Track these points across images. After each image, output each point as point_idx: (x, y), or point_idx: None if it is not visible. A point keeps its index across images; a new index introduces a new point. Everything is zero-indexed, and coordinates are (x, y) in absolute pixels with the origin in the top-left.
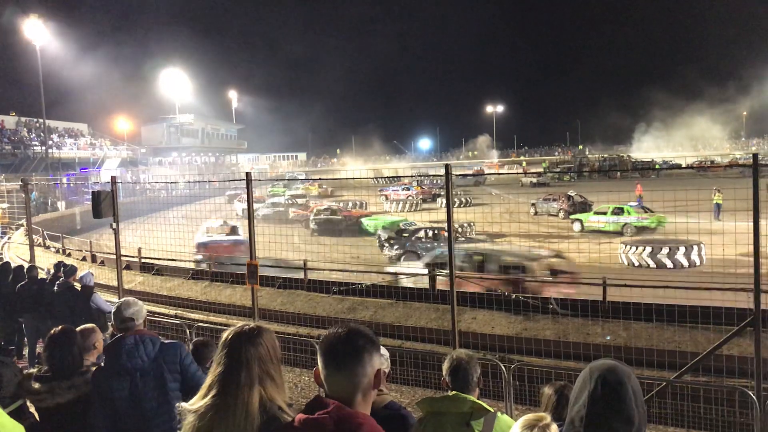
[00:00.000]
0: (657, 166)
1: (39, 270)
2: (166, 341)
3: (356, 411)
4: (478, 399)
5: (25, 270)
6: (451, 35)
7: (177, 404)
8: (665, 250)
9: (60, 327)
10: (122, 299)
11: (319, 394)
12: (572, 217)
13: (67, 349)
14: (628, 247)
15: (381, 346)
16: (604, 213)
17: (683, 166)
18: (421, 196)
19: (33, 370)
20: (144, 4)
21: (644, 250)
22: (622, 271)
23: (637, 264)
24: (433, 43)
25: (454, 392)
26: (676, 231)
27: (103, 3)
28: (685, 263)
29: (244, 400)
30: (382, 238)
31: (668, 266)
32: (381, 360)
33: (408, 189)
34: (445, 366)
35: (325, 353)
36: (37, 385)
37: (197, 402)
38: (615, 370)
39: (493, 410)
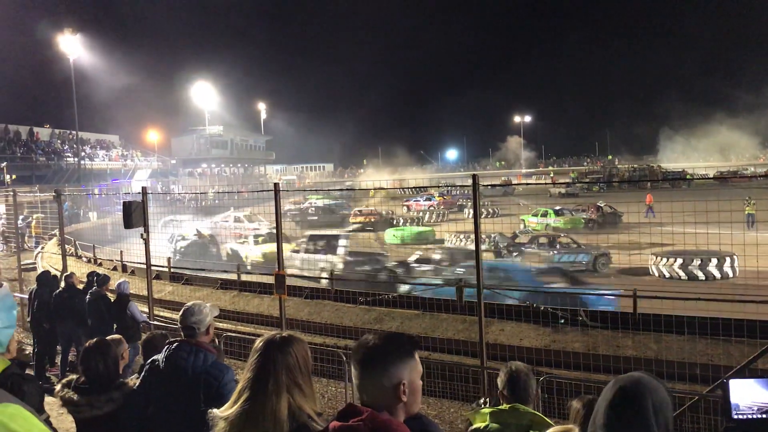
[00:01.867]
0: (688, 176)
1: (76, 278)
2: (218, 362)
3: (390, 419)
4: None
5: (62, 278)
6: (478, 46)
7: (209, 411)
8: (697, 262)
9: (95, 339)
10: (190, 303)
11: (351, 402)
12: (522, 217)
13: (103, 362)
14: (659, 258)
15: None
16: (536, 215)
17: (713, 175)
18: (442, 207)
19: (72, 376)
20: (175, 18)
21: (675, 261)
22: (652, 282)
23: (668, 276)
24: (461, 53)
25: (513, 404)
26: (708, 242)
27: (134, 17)
28: (718, 275)
29: (272, 408)
30: (500, 245)
31: (700, 278)
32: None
33: (429, 199)
34: (502, 378)
35: (354, 359)
36: (76, 396)
37: (228, 409)
38: (637, 382)
39: (552, 423)
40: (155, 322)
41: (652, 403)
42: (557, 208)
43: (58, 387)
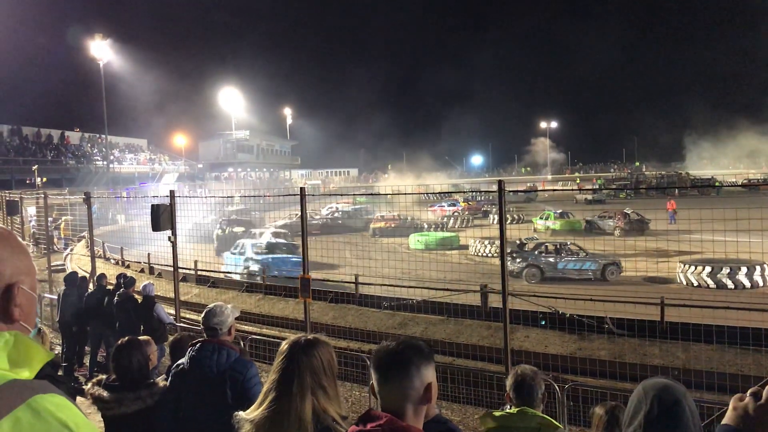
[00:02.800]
0: (717, 183)
1: (106, 280)
2: (241, 358)
3: (408, 425)
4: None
5: (94, 279)
6: (505, 51)
7: (234, 413)
8: (726, 270)
9: (127, 338)
10: (212, 305)
11: (371, 407)
12: (534, 219)
13: (135, 360)
14: (687, 266)
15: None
16: (542, 218)
17: (741, 182)
18: (467, 212)
19: (102, 377)
20: (203, 24)
21: (704, 269)
22: (680, 290)
23: (696, 284)
24: (487, 59)
25: (521, 408)
26: (737, 250)
27: (163, 23)
28: (747, 284)
29: (297, 409)
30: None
31: (729, 287)
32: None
33: (454, 205)
34: (510, 381)
35: (374, 364)
36: (105, 394)
37: (254, 411)
38: (670, 389)
39: (561, 426)
40: (182, 324)
41: (689, 408)
42: (559, 211)
43: (88, 385)
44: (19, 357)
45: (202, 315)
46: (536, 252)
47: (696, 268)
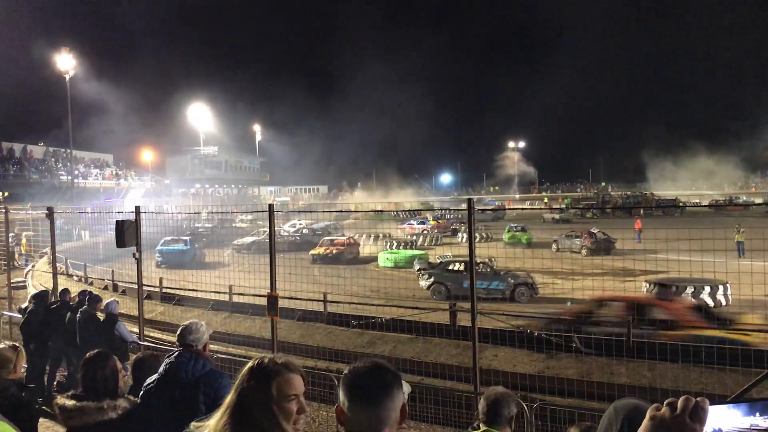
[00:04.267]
0: (680, 204)
1: (69, 296)
2: (215, 369)
3: None
4: None
5: (57, 294)
6: (473, 71)
7: (191, 424)
8: (690, 290)
9: (96, 350)
10: (188, 322)
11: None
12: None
13: (100, 373)
14: (652, 285)
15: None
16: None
17: (708, 203)
18: (437, 230)
19: (69, 393)
20: (171, 39)
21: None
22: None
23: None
24: (455, 79)
25: (486, 429)
26: (703, 270)
27: (131, 38)
28: (711, 303)
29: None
30: (416, 268)
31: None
32: (402, 396)
33: (423, 223)
34: (481, 403)
35: (354, 387)
36: (69, 403)
37: (207, 424)
38: (640, 409)
39: None
40: (145, 343)
41: None
42: (513, 225)
43: (57, 397)
44: None
45: (178, 332)
46: (442, 269)
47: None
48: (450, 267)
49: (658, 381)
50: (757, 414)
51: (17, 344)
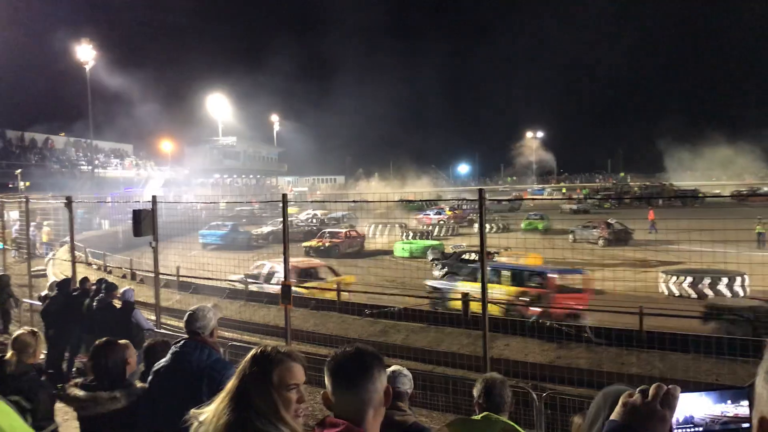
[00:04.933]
0: (700, 194)
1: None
2: (221, 358)
3: (366, 431)
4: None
5: (77, 282)
6: (492, 61)
7: (191, 410)
8: (707, 281)
9: (105, 338)
10: (194, 308)
11: (328, 416)
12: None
13: (111, 360)
14: (669, 276)
15: (401, 367)
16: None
17: (730, 193)
18: (452, 221)
19: (80, 379)
20: (192, 30)
21: (685, 279)
22: (662, 301)
23: (677, 294)
24: (474, 68)
25: (485, 414)
26: (725, 261)
27: (151, 29)
28: (728, 294)
29: (227, 420)
30: (429, 258)
31: (710, 297)
32: (400, 377)
33: (440, 213)
34: (477, 388)
35: (336, 372)
36: (81, 393)
37: (207, 409)
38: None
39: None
40: (162, 330)
41: None
42: (532, 213)
43: (67, 387)
44: None
45: (185, 318)
46: (455, 259)
47: (677, 278)
48: (463, 257)
49: (669, 371)
50: (729, 402)
51: (36, 330)
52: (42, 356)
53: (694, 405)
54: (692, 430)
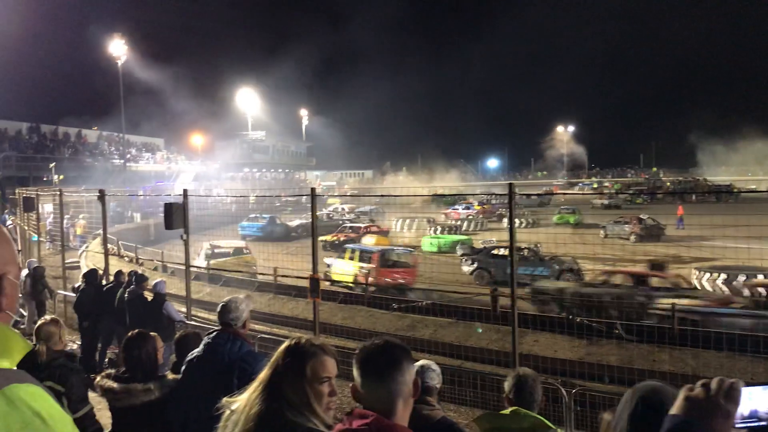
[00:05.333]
0: (735, 190)
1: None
2: (252, 350)
3: (396, 423)
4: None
5: (110, 275)
6: (520, 55)
7: (224, 399)
8: (741, 278)
9: (137, 330)
10: (227, 300)
11: (357, 407)
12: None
13: (144, 352)
14: (702, 272)
15: (430, 361)
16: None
17: (766, 189)
18: (481, 216)
19: (111, 370)
20: (221, 25)
21: (719, 276)
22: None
23: (711, 291)
24: (504, 62)
25: (515, 408)
26: (760, 258)
27: (182, 24)
28: (763, 292)
29: (260, 412)
30: (459, 253)
31: (745, 294)
32: (429, 372)
33: (468, 208)
34: (508, 383)
35: (364, 364)
36: (115, 385)
37: (239, 398)
38: (658, 392)
39: (554, 428)
40: (192, 322)
41: None
42: (564, 207)
43: (98, 377)
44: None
45: (218, 310)
46: (486, 254)
47: (711, 275)
48: (494, 252)
49: (702, 369)
50: None
51: (57, 318)
52: (74, 345)
53: (758, 399)
54: (757, 424)
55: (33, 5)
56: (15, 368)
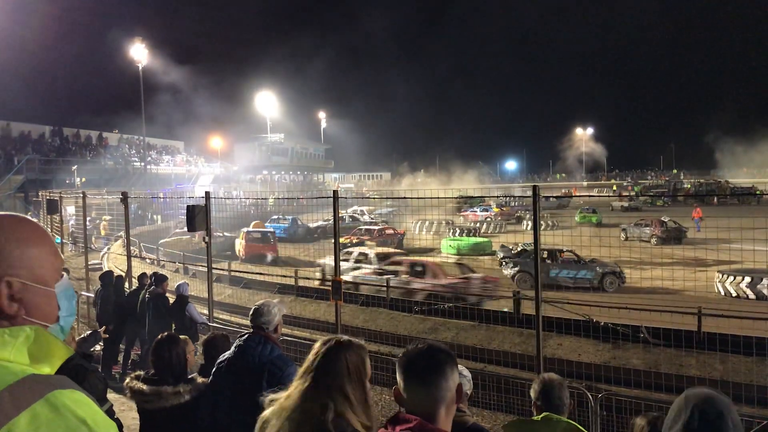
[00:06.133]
0: (758, 192)
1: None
2: (283, 355)
3: (439, 427)
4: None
5: (129, 278)
6: (540, 56)
7: (265, 394)
8: (766, 281)
9: (167, 333)
10: (259, 303)
11: (400, 411)
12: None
13: (174, 354)
14: (725, 276)
15: (462, 366)
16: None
17: None
18: (500, 218)
19: (140, 372)
20: (240, 29)
21: (743, 280)
22: (718, 301)
23: (734, 294)
24: (523, 63)
25: (546, 414)
26: None
27: (202, 29)
28: None
29: (306, 408)
30: (499, 257)
31: None
32: (459, 377)
33: (487, 210)
34: (535, 388)
35: (407, 368)
36: (145, 387)
37: (279, 396)
38: (713, 401)
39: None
40: (215, 324)
41: (732, 422)
42: (585, 207)
43: (127, 379)
44: (40, 352)
45: (251, 313)
46: (528, 258)
47: (735, 278)
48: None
49: (730, 374)
50: None
51: None
52: (96, 347)
53: None
54: None
55: (56, 10)
56: (55, 374)
